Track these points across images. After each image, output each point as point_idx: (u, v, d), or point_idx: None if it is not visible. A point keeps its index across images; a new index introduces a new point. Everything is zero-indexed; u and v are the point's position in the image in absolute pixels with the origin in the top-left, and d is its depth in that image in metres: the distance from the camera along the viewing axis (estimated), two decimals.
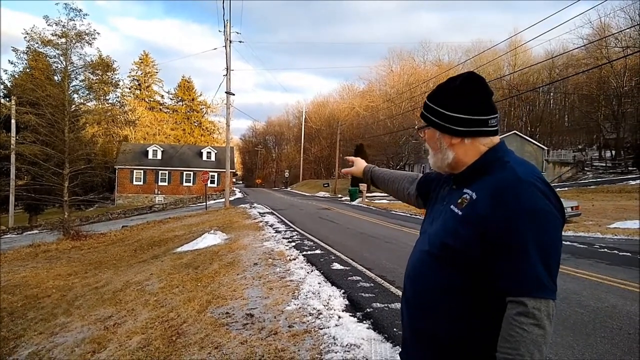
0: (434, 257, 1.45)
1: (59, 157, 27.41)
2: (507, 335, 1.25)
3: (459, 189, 1.48)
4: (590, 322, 5.02)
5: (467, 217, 1.37)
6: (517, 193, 1.30)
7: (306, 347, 4.10)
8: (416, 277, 1.52)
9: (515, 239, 1.27)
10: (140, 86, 76.72)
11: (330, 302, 5.52)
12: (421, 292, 1.49)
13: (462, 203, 1.41)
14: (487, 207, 1.32)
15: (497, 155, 1.46)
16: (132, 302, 7.05)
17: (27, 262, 13.62)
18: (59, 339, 6.11)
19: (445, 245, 1.41)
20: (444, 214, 1.49)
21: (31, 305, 8.37)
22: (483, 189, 1.38)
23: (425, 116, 1.56)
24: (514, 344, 1.23)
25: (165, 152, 51.08)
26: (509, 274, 1.28)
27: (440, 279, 1.42)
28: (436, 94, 1.55)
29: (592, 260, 8.92)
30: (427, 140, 1.59)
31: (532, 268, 1.27)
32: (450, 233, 1.40)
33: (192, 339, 4.70)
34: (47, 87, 26.91)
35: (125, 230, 20.47)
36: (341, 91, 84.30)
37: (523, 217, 1.27)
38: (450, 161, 1.50)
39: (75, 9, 27.61)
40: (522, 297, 1.26)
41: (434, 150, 1.56)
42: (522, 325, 1.23)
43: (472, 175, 1.45)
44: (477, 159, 1.46)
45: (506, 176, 1.36)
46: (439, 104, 1.51)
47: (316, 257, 8.96)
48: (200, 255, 10.10)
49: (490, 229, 1.30)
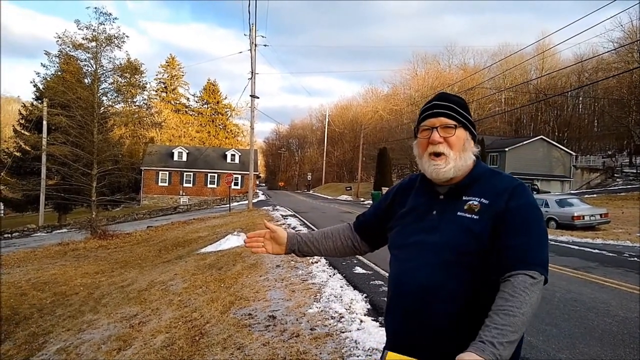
0: (459, 264, 1.43)
1: (87, 158, 28.03)
2: (509, 296, 1.30)
3: (454, 198, 1.53)
4: (618, 332, 4.90)
5: (486, 219, 1.45)
6: (526, 192, 1.50)
7: (328, 351, 4.10)
8: (443, 292, 1.44)
9: (534, 225, 1.44)
10: (166, 89, 77.94)
11: (352, 305, 5.51)
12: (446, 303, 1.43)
13: (473, 209, 1.48)
14: (505, 202, 1.46)
15: (485, 167, 1.61)
16: (157, 301, 7.16)
17: (56, 259, 13.96)
18: (86, 335, 6.25)
19: (471, 252, 1.43)
20: (452, 222, 1.48)
21: (60, 302, 8.58)
22: (491, 194, 1.49)
23: (456, 117, 1.55)
24: (517, 303, 1.29)
25: (190, 154, 51.73)
26: (525, 251, 1.39)
27: (465, 280, 1.43)
28: (455, 100, 1.61)
29: (621, 269, 8.68)
30: (454, 140, 1.53)
31: (541, 250, 1.42)
32: (473, 238, 1.44)
33: (215, 339, 4.75)
34: (77, 89, 27.55)
35: (150, 231, 20.81)
36: (365, 95, 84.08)
37: (534, 209, 1.48)
38: (469, 163, 1.56)
39: (105, 13, 28.22)
40: (531, 271, 1.35)
41: (457, 151, 1.53)
42: (527, 290, 1.31)
43: (467, 185, 1.54)
44: (472, 170, 1.57)
45: (511, 180, 1.54)
46: (464, 109, 1.58)
47: (338, 261, 8.95)
48: (224, 256, 10.20)
49: (506, 218, 1.43)
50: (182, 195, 49.02)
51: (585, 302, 6.14)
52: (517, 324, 1.26)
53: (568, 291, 6.75)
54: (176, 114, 74.91)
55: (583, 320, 5.33)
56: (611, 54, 43.62)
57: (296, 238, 1.84)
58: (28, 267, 12.57)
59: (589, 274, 8.13)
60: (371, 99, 78.63)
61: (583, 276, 7.92)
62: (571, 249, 11.65)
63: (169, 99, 77.20)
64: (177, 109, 77.31)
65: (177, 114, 75.19)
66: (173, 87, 78.76)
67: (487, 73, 54.66)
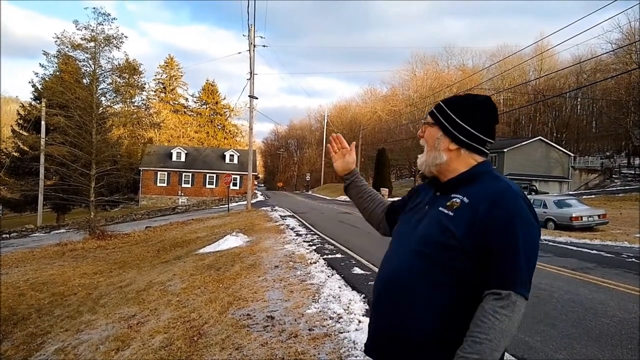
0: (426, 256, 1.47)
1: (86, 158, 28.01)
2: (479, 321, 1.33)
3: (445, 194, 1.56)
4: (616, 333, 4.91)
5: (461, 217, 1.45)
6: (515, 202, 1.43)
7: (326, 351, 4.10)
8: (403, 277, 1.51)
9: (510, 236, 1.38)
10: (165, 89, 77.91)
11: (350, 306, 5.51)
12: (409, 289, 1.48)
13: (453, 205, 1.49)
14: (485, 209, 1.42)
15: (487, 169, 1.57)
16: (155, 301, 7.16)
17: (55, 260, 13.94)
18: (84, 336, 6.24)
19: (437, 242, 1.46)
20: (430, 216, 1.54)
21: (58, 303, 8.57)
22: (476, 195, 1.47)
23: (435, 115, 1.63)
24: (484, 329, 1.31)
25: (189, 155, 51.71)
26: (498, 267, 1.37)
27: (433, 276, 1.45)
28: (453, 101, 1.63)
29: (619, 270, 8.70)
30: (427, 137, 1.64)
31: (518, 265, 1.37)
32: (442, 232, 1.46)
33: (213, 340, 4.75)
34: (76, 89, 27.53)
35: (149, 231, 20.80)
36: (363, 95, 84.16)
37: (519, 221, 1.40)
38: (442, 162, 1.58)
39: (104, 13, 28.22)
40: (503, 290, 1.34)
41: (429, 147, 1.63)
42: (496, 314, 1.32)
43: (460, 183, 1.54)
44: (467, 169, 1.57)
45: (503, 186, 1.48)
46: (453, 110, 1.59)
47: (336, 261, 8.96)
48: (222, 257, 10.20)
49: (487, 228, 1.40)
50: (180, 195, 49.00)
51: (583, 302, 6.15)
52: (484, 351, 1.29)
53: (566, 292, 6.76)
54: (175, 115, 74.84)
55: (581, 320, 5.34)
56: (609, 55, 43.74)
57: (357, 177, 2.04)
58: (26, 268, 12.55)
59: (587, 274, 8.14)
60: (370, 100, 78.72)
61: (581, 277, 7.94)
62: (569, 249, 11.66)
63: (168, 99, 77.16)
64: (176, 110, 77.25)
65: (175, 115, 75.13)
66: (172, 88, 78.72)
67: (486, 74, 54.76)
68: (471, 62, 69.02)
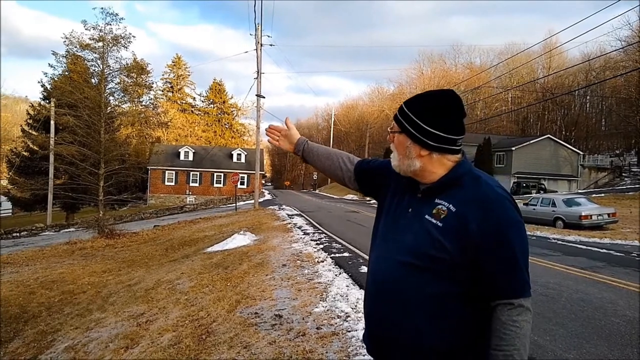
0: (416, 268, 1.46)
1: (95, 158, 28.18)
2: (502, 334, 1.37)
3: (427, 198, 1.53)
4: (626, 332, 4.87)
5: (450, 229, 1.43)
6: (503, 208, 1.43)
7: (334, 350, 4.11)
8: (397, 289, 1.50)
9: (507, 248, 1.40)
10: (172, 88, 78.19)
11: (358, 305, 5.50)
12: (404, 302, 1.48)
13: (439, 214, 1.47)
14: (476, 222, 1.40)
15: (466, 170, 1.53)
16: (164, 300, 7.20)
17: (64, 258, 14.06)
18: (93, 334, 6.29)
19: (429, 256, 1.44)
20: (418, 224, 1.51)
21: (67, 301, 8.64)
22: (461, 202, 1.45)
23: (400, 122, 1.57)
24: (509, 340, 1.36)
25: (196, 154, 51.88)
26: (503, 279, 1.40)
27: (427, 288, 1.45)
28: (415, 103, 1.57)
29: (629, 269, 8.63)
30: (397, 145, 1.59)
31: (521, 273, 1.41)
32: (432, 244, 1.44)
33: (222, 338, 4.77)
34: (84, 89, 27.71)
35: (157, 230, 20.89)
36: (371, 94, 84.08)
37: (511, 228, 1.41)
38: (417, 169, 1.55)
39: (112, 13, 28.36)
40: (515, 299, 1.39)
41: (400, 155, 1.58)
42: (516, 323, 1.37)
43: (442, 187, 1.51)
44: (447, 173, 1.52)
45: (486, 191, 1.45)
46: (417, 114, 1.53)
47: (344, 260, 8.96)
48: (230, 255, 10.23)
49: (481, 242, 1.39)
50: (188, 194, 49.19)
51: (592, 302, 6.11)
52: (515, 358, 1.36)
53: (575, 291, 6.72)
54: (182, 114, 75.10)
55: (590, 320, 5.31)
56: (619, 53, 43.25)
57: (304, 145, 2.01)
58: (37, 266, 12.66)
59: (596, 273, 8.09)
60: (377, 98, 78.60)
61: (590, 276, 7.88)
62: (579, 248, 11.59)
63: (175, 98, 77.42)
64: (184, 109, 77.51)
65: (183, 114, 75.39)
66: (179, 87, 78.97)
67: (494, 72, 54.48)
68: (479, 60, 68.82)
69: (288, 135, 2.04)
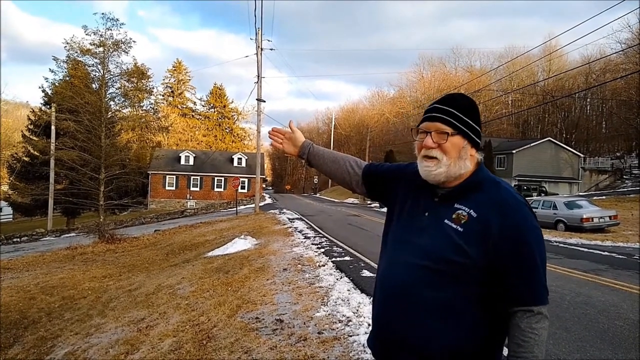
0: (432, 271, 1.45)
1: (95, 163, 28.12)
2: (520, 341, 1.39)
3: (446, 202, 1.51)
4: (630, 336, 4.84)
5: (472, 233, 1.42)
6: (523, 214, 1.43)
7: (336, 354, 4.08)
8: (410, 292, 1.48)
9: (528, 255, 1.41)
10: (173, 93, 78.32)
11: (359, 309, 5.48)
12: (417, 304, 1.46)
13: (460, 219, 1.45)
14: (497, 228, 1.40)
15: (485, 174, 1.53)
16: (164, 305, 7.17)
17: (65, 263, 14.02)
18: (94, 339, 6.26)
19: (450, 260, 1.43)
20: (436, 228, 1.49)
21: (68, 306, 8.61)
22: (481, 207, 1.44)
23: (453, 123, 1.50)
24: (528, 347, 1.38)
25: (197, 158, 51.91)
26: (524, 285, 1.40)
27: (441, 291, 1.43)
28: (455, 103, 1.53)
29: (631, 271, 8.60)
30: (450, 148, 1.48)
31: (540, 279, 1.42)
32: (453, 248, 1.43)
33: (222, 343, 4.74)
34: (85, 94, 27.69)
35: (158, 235, 20.88)
36: (371, 98, 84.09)
37: (531, 235, 1.42)
38: (463, 172, 1.51)
39: (112, 18, 28.30)
40: (535, 306, 1.40)
41: (452, 159, 1.49)
42: (535, 330, 1.39)
43: (463, 191, 1.49)
44: (469, 176, 1.52)
45: (506, 197, 1.45)
46: (466, 114, 1.51)
47: (345, 264, 8.94)
48: (231, 259, 10.20)
49: (502, 248, 1.39)
50: (189, 199, 49.18)
51: (595, 305, 6.08)
52: None
53: (578, 294, 6.69)
54: (183, 118, 75.21)
55: (594, 323, 5.27)
56: (619, 55, 43.28)
57: (309, 148, 1.95)
58: (37, 271, 12.63)
59: (598, 276, 8.05)
60: (377, 102, 78.61)
61: (593, 279, 7.85)
62: (580, 251, 11.55)
63: (176, 103, 77.54)
64: (184, 113, 77.62)
65: (183, 118, 75.50)
66: (180, 92, 79.12)
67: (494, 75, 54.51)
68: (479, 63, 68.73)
69: (292, 139, 1.99)
